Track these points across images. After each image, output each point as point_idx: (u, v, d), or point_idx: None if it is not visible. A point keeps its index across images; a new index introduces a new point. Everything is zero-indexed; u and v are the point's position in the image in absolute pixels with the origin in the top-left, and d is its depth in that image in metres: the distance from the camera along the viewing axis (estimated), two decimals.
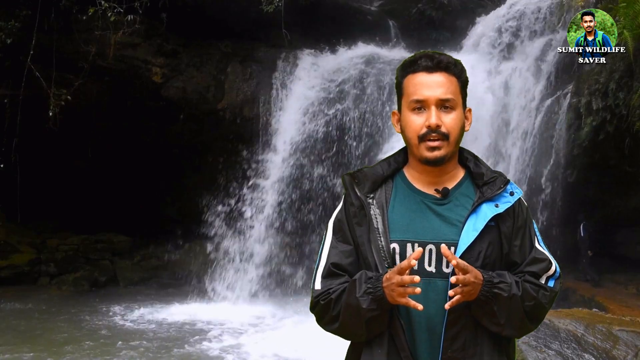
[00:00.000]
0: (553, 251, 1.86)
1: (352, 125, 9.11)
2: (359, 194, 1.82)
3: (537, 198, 7.50)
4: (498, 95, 8.01)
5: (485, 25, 9.29)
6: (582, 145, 7.04)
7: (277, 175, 9.13)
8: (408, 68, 1.82)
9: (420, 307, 1.63)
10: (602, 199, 8.11)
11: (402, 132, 1.83)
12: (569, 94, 7.35)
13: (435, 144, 1.75)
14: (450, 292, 1.64)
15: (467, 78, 1.84)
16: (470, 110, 1.87)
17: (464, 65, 1.88)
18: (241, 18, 9.51)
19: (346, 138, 9.12)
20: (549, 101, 7.59)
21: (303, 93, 9.39)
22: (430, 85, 1.77)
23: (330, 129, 9.19)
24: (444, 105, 1.76)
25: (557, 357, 4.69)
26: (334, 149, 9.18)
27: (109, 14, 8.39)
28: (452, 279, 1.62)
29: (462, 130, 1.81)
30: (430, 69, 1.78)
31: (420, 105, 1.77)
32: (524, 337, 4.70)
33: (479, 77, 8.02)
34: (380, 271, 1.72)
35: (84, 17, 8.46)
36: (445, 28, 10.66)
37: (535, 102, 7.74)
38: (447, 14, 10.75)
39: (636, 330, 5.04)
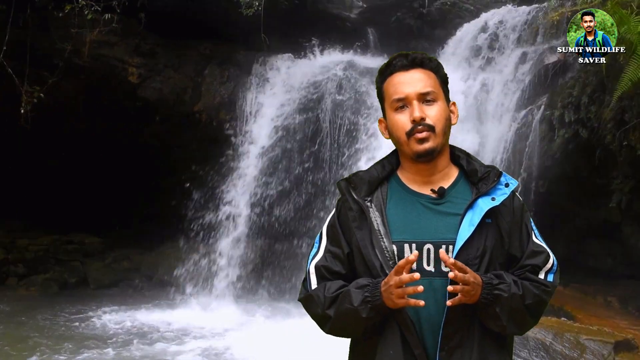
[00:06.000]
0: None
1: (328, 131, 9.12)
2: (356, 197, 1.83)
3: None
4: (473, 105, 8.09)
5: (462, 37, 9.39)
6: (554, 157, 7.15)
7: (251, 180, 9.09)
8: (385, 71, 1.86)
9: (421, 303, 1.64)
10: (573, 211, 8.22)
11: (390, 135, 1.85)
12: (543, 107, 7.46)
13: (423, 135, 1.76)
14: (449, 288, 1.65)
15: (445, 74, 1.88)
16: (454, 103, 1.89)
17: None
18: (221, 20, 9.47)
19: (321, 143, 9.12)
20: (522, 113, 7.69)
21: (279, 98, 9.38)
22: (409, 81, 1.79)
23: (305, 134, 9.19)
24: (425, 99, 1.79)
25: None
26: (309, 153, 9.18)
27: (85, 12, 8.29)
28: (451, 275, 1.63)
29: (449, 122, 1.83)
30: (406, 67, 1.82)
31: (403, 103, 1.79)
32: None
33: (454, 87, 8.09)
34: (387, 271, 1.72)
35: (60, 14, 8.34)
36: (424, 38, 10.74)
37: (510, 113, 7.84)
38: (426, 24, 10.84)
39: (603, 340, 5.13)
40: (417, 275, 1.61)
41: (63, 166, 10.44)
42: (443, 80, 1.85)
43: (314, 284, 1.83)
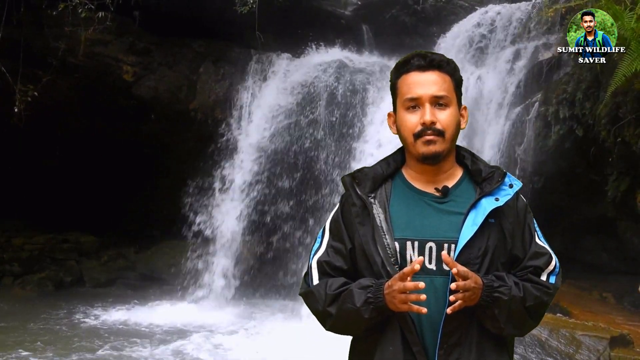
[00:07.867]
0: None
1: (323, 130, 9.11)
2: (360, 193, 1.83)
3: None
4: (467, 102, 8.10)
5: (456, 33, 9.39)
6: (549, 153, 7.16)
7: (247, 177, 9.09)
8: (401, 68, 1.85)
9: (424, 310, 1.65)
10: (569, 206, 8.24)
11: (398, 132, 1.86)
12: (538, 103, 7.47)
13: (431, 138, 1.76)
14: (451, 298, 1.66)
15: (460, 77, 1.88)
16: (465, 108, 1.90)
17: None
18: (216, 18, 9.45)
19: (317, 140, 9.11)
20: (517, 109, 7.70)
21: (274, 96, 9.37)
22: (424, 83, 1.79)
23: (300, 132, 9.18)
24: (438, 102, 1.79)
25: None
26: (304, 150, 9.17)
27: (79, 10, 8.25)
28: (452, 286, 1.65)
29: (458, 127, 1.84)
30: (423, 68, 1.81)
31: (415, 104, 1.79)
32: None
33: None
34: (388, 268, 1.73)
35: (54, 13, 8.31)
36: (418, 34, 10.74)
37: (504, 110, 7.85)
38: (420, 21, 10.84)
39: (598, 335, 5.15)
40: (422, 284, 1.62)
41: (59, 165, 10.40)
42: (457, 84, 1.86)
43: (315, 279, 1.84)
